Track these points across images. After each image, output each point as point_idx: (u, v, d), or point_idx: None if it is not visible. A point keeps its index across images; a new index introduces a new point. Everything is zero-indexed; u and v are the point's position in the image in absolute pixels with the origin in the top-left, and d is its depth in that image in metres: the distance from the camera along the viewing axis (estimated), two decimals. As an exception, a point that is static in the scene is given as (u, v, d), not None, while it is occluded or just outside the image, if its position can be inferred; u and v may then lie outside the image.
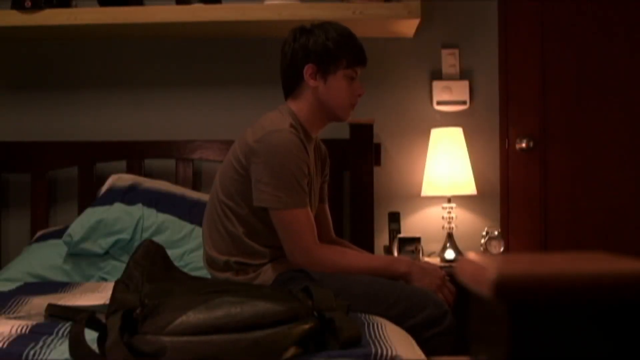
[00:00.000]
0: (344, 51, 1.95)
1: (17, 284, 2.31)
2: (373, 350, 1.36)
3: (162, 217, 2.55)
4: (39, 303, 1.92)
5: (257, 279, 1.92)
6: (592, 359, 0.66)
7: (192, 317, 1.28)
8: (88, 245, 2.46)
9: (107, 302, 1.43)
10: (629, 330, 0.66)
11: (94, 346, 1.31)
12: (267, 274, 1.92)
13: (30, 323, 1.58)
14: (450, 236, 2.79)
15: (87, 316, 1.34)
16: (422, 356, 1.49)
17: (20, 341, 1.42)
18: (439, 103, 2.96)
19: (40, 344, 1.40)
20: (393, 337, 1.52)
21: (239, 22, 2.71)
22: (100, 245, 2.46)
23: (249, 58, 2.98)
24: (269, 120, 1.95)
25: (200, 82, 3.00)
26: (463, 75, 2.97)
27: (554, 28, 2.96)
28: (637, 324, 0.66)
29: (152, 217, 2.54)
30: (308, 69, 1.97)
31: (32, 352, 1.34)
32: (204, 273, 2.11)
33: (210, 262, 2.02)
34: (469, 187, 2.79)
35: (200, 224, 2.49)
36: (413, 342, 1.61)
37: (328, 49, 1.95)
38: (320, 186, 2.17)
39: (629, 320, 0.66)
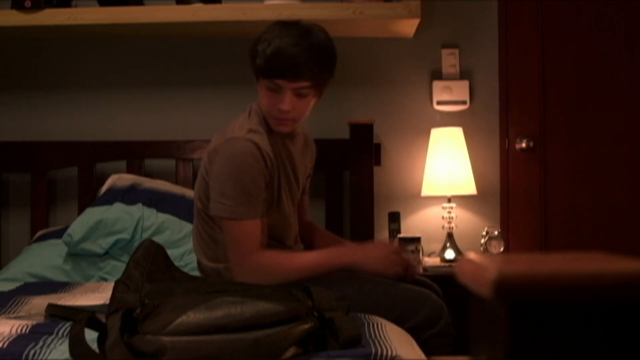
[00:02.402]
0: (261, 58, 1.83)
1: (17, 284, 2.31)
2: (373, 350, 1.36)
3: (162, 217, 2.55)
4: (39, 303, 1.92)
5: None
6: (592, 359, 0.66)
7: (192, 317, 1.28)
8: (88, 245, 2.46)
9: (107, 302, 1.43)
10: (629, 330, 0.66)
11: (94, 346, 1.31)
12: None
13: (30, 323, 1.58)
14: (450, 236, 2.79)
15: (87, 316, 1.34)
16: (422, 356, 1.49)
17: (21, 341, 1.41)
18: (439, 103, 2.96)
19: (41, 343, 1.40)
20: (393, 337, 1.52)
21: (239, 22, 2.71)
22: (100, 245, 2.46)
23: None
24: (232, 127, 1.92)
25: (201, 82, 3.00)
26: (463, 75, 2.97)
27: (554, 28, 2.96)
28: (637, 324, 0.66)
29: (152, 217, 2.54)
30: None
31: (32, 352, 1.34)
32: (204, 273, 2.11)
33: (202, 270, 2.02)
34: (469, 187, 2.79)
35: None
36: (413, 342, 1.61)
37: (253, 52, 1.87)
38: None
39: (628, 320, 0.66)
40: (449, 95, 2.95)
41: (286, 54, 1.81)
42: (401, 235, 2.72)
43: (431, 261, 2.71)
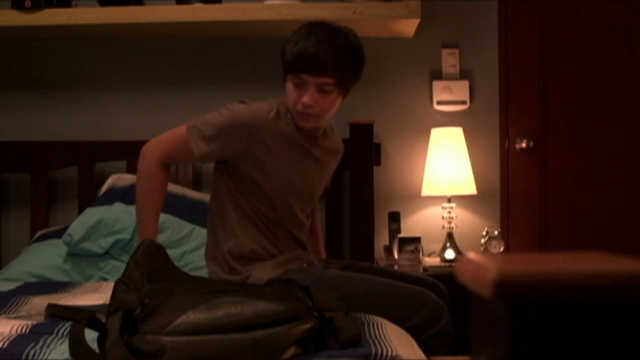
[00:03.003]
0: (288, 55, 1.92)
1: (17, 284, 2.31)
2: (373, 350, 1.36)
3: (162, 217, 2.54)
4: (39, 303, 1.92)
5: (250, 279, 1.93)
6: (592, 359, 0.66)
7: (192, 317, 1.28)
8: (88, 245, 2.46)
9: (107, 302, 1.43)
10: (629, 330, 0.66)
11: (94, 346, 1.31)
12: (257, 274, 1.93)
13: (30, 323, 1.58)
14: (450, 236, 2.79)
15: (87, 316, 1.34)
16: (422, 356, 1.49)
17: (21, 341, 1.41)
18: (439, 103, 2.96)
19: (41, 343, 1.40)
20: (393, 337, 1.52)
21: (239, 22, 2.71)
22: (100, 245, 2.46)
23: (249, 58, 2.98)
24: None
25: (201, 82, 3.00)
26: (463, 75, 2.97)
27: (554, 28, 2.96)
28: (637, 324, 0.66)
29: (152, 217, 2.53)
30: None
31: (32, 352, 1.34)
32: (204, 273, 2.11)
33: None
34: (469, 187, 2.79)
35: (200, 224, 2.50)
36: (413, 342, 1.61)
37: (283, 51, 1.95)
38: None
39: (629, 320, 0.66)
40: (449, 95, 2.95)
41: (312, 50, 1.88)
42: (401, 235, 2.73)
43: (431, 261, 2.71)
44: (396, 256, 2.69)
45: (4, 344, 1.40)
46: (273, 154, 1.97)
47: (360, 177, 2.80)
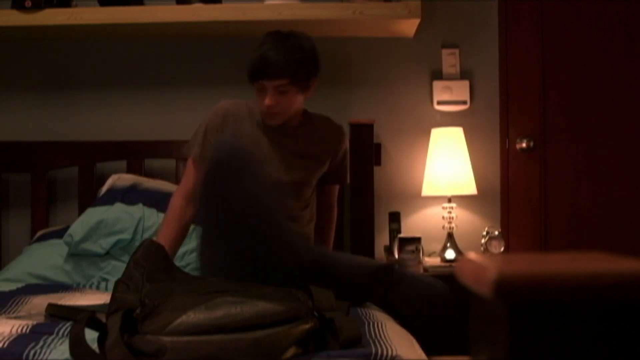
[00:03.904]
0: (248, 65, 2.13)
1: (18, 284, 2.31)
2: (373, 350, 1.35)
3: (163, 217, 2.55)
4: (39, 303, 1.92)
5: None
6: (592, 359, 0.66)
7: (192, 317, 1.28)
8: (89, 246, 2.46)
9: (107, 302, 1.43)
10: (629, 330, 0.66)
11: (94, 346, 1.31)
12: None
13: (30, 323, 1.58)
14: (450, 236, 2.79)
15: (87, 316, 1.34)
16: (423, 356, 1.49)
17: (21, 341, 1.42)
18: (439, 103, 2.96)
19: (41, 343, 1.40)
20: (393, 337, 1.52)
21: (239, 22, 2.71)
22: (100, 245, 2.46)
23: (249, 58, 2.98)
24: None
25: (201, 82, 3.00)
26: (463, 75, 2.97)
27: (554, 28, 2.97)
28: (637, 324, 0.66)
29: (153, 217, 2.54)
30: None
31: (32, 352, 1.34)
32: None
33: None
34: (470, 187, 2.79)
35: (199, 224, 2.50)
36: (414, 341, 1.61)
37: (246, 62, 2.16)
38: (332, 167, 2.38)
39: (629, 320, 0.66)
40: (449, 95, 2.95)
41: (264, 57, 2.11)
42: (401, 235, 2.73)
43: (431, 261, 2.71)
44: (396, 256, 2.69)
45: (4, 343, 1.40)
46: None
47: (361, 177, 2.80)
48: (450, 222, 2.80)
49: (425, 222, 2.94)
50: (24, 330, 1.52)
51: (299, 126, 2.28)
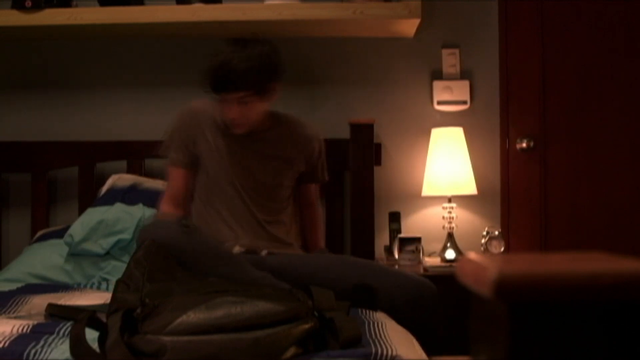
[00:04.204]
0: (207, 77, 2.13)
1: (19, 284, 2.31)
2: (373, 350, 1.35)
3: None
4: (39, 303, 1.92)
5: None
6: (592, 359, 0.66)
7: (192, 316, 1.28)
8: (89, 246, 2.46)
9: (108, 301, 1.43)
10: (629, 330, 0.66)
11: (95, 346, 1.31)
12: None
13: (31, 322, 1.58)
14: (450, 236, 2.79)
15: (87, 316, 1.34)
16: (423, 356, 1.49)
17: (21, 340, 1.42)
18: (439, 103, 2.96)
19: (42, 343, 1.40)
20: (393, 337, 1.52)
21: (239, 22, 2.71)
22: (101, 245, 2.46)
23: (250, 58, 2.98)
24: None
25: (200, 82, 3.00)
26: (463, 75, 2.97)
27: (555, 28, 2.97)
28: (637, 324, 0.66)
29: (153, 217, 2.54)
30: None
31: (33, 352, 1.34)
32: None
33: None
34: (470, 187, 2.79)
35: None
36: (414, 341, 1.61)
37: (205, 71, 2.16)
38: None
39: (629, 320, 0.66)
40: (449, 95, 2.95)
41: (221, 71, 2.09)
42: (401, 235, 2.73)
43: (431, 261, 2.71)
44: (396, 256, 2.69)
45: (5, 343, 1.40)
46: (211, 144, 2.22)
47: (361, 177, 2.80)
48: (450, 222, 2.80)
49: (426, 222, 2.94)
50: (24, 330, 1.52)
51: (267, 129, 2.29)
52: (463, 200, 2.91)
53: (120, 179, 2.72)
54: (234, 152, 2.25)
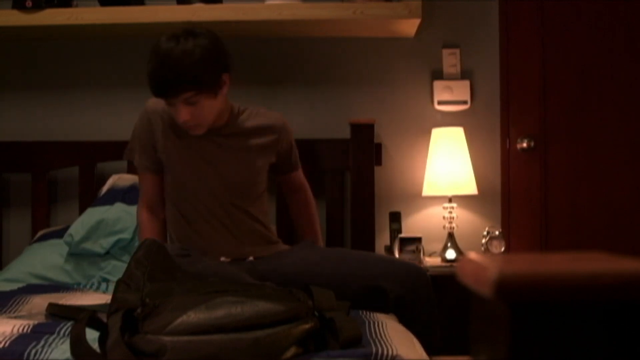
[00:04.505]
0: (149, 83, 1.98)
1: (19, 284, 2.31)
2: (374, 349, 1.35)
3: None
4: (39, 302, 1.92)
5: None
6: (592, 359, 0.66)
7: (193, 316, 1.28)
8: (89, 245, 2.46)
9: (108, 301, 1.43)
10: (630, 330, 0.66)
11: (95, 345, 1.31)
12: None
13: (31, 322, 1.58)
14: (451, 236, 2.79)
15: (88, 315, 1.34)
16: (424, 355, 1.49)
17: (22, 340, 1.42)
18: (439, 103, 2.96)
19: (42, 343, 1.40)
20: (394, 337, 1.52)
21: (240, 22, 2.71)
22: (101, 245, 2.46)
23: (250, 58, 2.98)
24: None
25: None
26: (464, 75, 2.97)
27: (555, 28, 2.96)
28: (637, 324, 0.66)
29: (153, 217, 2.53)
30: None
31: (33, 351, 1.35)
32: (205, 273, 2.11)
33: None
34: (470, 187, 2.79)
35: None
36: (415, 341, 1.61)
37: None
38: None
39: (629, 320, 0.66)
40: (449, 95, 2.95)
41: (158, 77, 1.94)
42: (402, 235, 2.72)
43: (432, 261, 2.71)
44: (397, 256, 2.69)
45: (5, 343, 1.40)
46: (170, 145, 2.12)
47: (361, 177, 2.80)
48: (450, 222, 2.80)
49: (426, 222, 2.94)
50: (25, 329, 1.52)
51: (227, 124, 2.15)
52: (463, 200, 2.90)
53: (120, 179, 2.72)
54: (196, 153, 2.12)
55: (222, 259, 2.10)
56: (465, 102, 2.95)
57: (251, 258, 2.13)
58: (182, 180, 2.13)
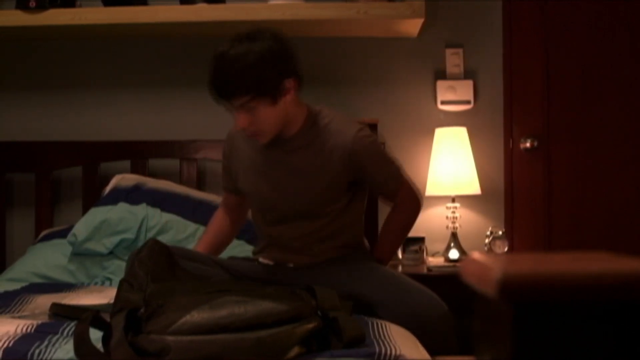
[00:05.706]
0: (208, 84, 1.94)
1: (22, 284, 2.32)
2: (377, 349, 1.36)
3: (166, 216, 2.56)
4: (43, 302, 1.92)
5: None
6: (595, 358, 0.66)
7: (196, 316, 1.28)
8: (92, 245, 2.46)
9: (112, 301, 1.44)
10: (633, 330, 0.66)
11: (99, 345, 1.31)
12: None
13: (35, 322, 1.59)
14: (454, 236, 2.79)
15: (91, 315, 1.35)
16: (427, 356, 1.49)
17: (26, 340, 1.42)
18: (443, 103, 2.95)
19: (46, 342, 1.40)
20: (397, 337, 1.52)
21: (243, 22, 2.71)
22: (104, 245, 2.46)
23: (253, 58, 2.98)
24: None
25: (204, 82, 3.00)
26: (467, 74, 2.97)
27: (558, 28, 2.96)
28: (641, 324, 0.66)
29: (156, 217, 2.54)
30: None
31: (37, 351, 1.35)
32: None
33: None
34: (473, 187, 2.79)
35: (203, 224, 2.50)
36: (417, 341, 1.60)
37: None
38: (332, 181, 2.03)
39: (632, 319, 0.66)
40: (453, 94, 2.95)
41: (215, 80, 1.91)
42: (405, 235, 2.72)
43: (435, 261, 2.71)
44: (400, 256, 2.69)
45: (9, 343, 1.40)
46: (239, 170, 2.12)
47: (364, 177, 2.79)
48: (454, 222, 2.80)
49: (429, 221, 2.93)
50: (28, 329, 1.52)
51: (298, 134, 2.00)
52: (467, 200, 2.90)
53: (123, 179, 2.73)
54: (262, 178, 2.04)
55: (265, 261, 2.07)
56: (468, 102, 2.95)
57: (291, 265, 2.05)
58: (254, 207, 2.16)
